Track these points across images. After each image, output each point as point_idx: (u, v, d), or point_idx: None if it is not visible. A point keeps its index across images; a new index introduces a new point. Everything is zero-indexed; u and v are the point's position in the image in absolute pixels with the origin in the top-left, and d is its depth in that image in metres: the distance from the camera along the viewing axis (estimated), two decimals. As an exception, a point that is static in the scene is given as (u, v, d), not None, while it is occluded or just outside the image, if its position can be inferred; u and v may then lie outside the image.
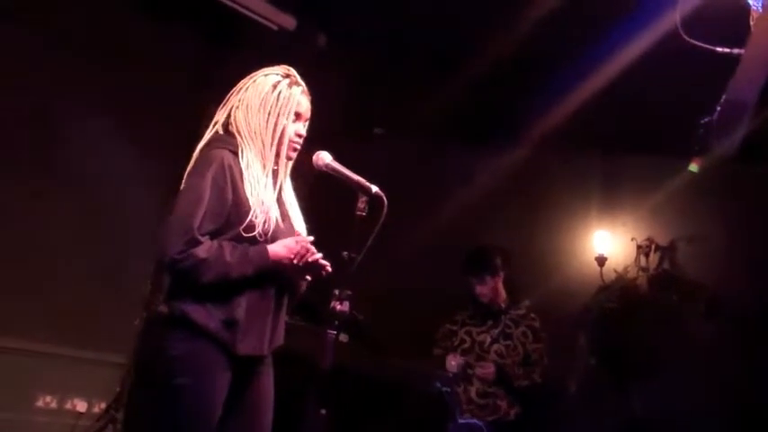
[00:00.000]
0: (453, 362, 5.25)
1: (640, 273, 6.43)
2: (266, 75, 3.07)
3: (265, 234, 2.89)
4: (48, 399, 5.49)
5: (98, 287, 5.54)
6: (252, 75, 3.09)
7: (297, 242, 2.93)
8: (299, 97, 3.06)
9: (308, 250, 2.92)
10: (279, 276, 2.93)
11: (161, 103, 5.86)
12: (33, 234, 5.33)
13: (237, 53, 5.94)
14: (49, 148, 5.43)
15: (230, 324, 2.82)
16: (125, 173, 5.66)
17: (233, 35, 6.04)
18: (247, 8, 5.70)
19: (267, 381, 3.02)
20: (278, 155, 3.02)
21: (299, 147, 3.09)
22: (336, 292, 2.89)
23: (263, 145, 2.98)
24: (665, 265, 6.41)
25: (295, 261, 2.90)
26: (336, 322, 2.88)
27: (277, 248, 2.89)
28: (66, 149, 5.46)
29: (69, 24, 5.49)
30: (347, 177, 3.03)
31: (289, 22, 5.92)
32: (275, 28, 5.87)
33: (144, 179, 5.72)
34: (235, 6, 5.66)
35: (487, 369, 5.27)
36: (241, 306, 2.84)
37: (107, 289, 5.57)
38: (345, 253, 2.89)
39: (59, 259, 5.43)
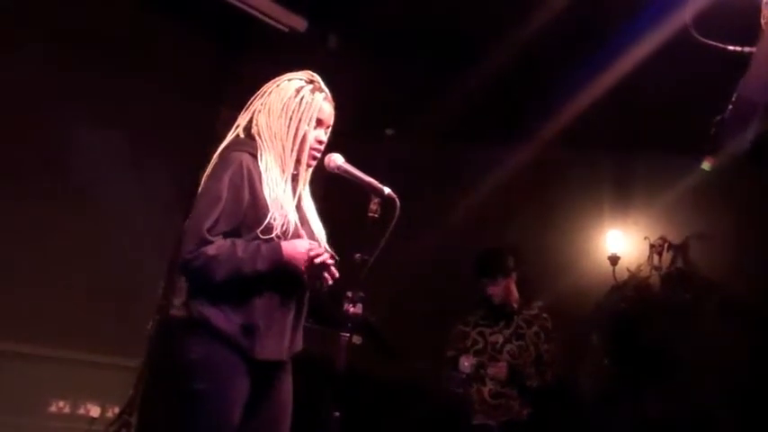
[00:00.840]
0: (466, 363, 5.24)
1: (653, 272, 6.42)
2: (290, 80, 3.05)
3: (284, 236, 2.88)
4: (61, 404, 5.51)
5: (109, 290, 5.55)
6: (276, 79, 3.08)
7: (311, 243, 2.91)
8: (321, 103, 3.03)
9: (319, 253, 2.89)
10: (297, 279, 2.90)
11: (172, 106, 5.88)
12: (43, 238, 5.34)
13: (248, 55, 5.96)
14: (60, 151, 5.44)
15: (249, 329, 2.81)
16: (136, 174, 5.67)
17: (244, 37, 6.05)
18: (258, 10, 5.72)
19: (286, 388, 3.00)
20: (298, 161, 3.01)
21: (319, 154, 3.06)
22: (349, 294, 2.87)
23: (284, 150, 2.97)
24: (679, 264, 6.40)
25: (311, 254, 2.86)
26: (350, 324, 2.88)
27: (291, 246, 2.87)
28: (76, 153, 5.48)
29: (75, 25, 5.50)
30: (359, 179, 3.02)
31: (300, 23, 5.93)
32: (286, 30, 5.87)
33: (156, 181, 5.74)
34: (245, 8, 5.67)
35: (500, 368, 5.26)
36: (260, 310, 2.83)
37: (119, 292, 5.58)
38: (358, 255, 2.88)
39: (70, 263, 5.44)
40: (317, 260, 2.88)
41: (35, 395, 5.38)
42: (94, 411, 5.61)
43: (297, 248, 2.87)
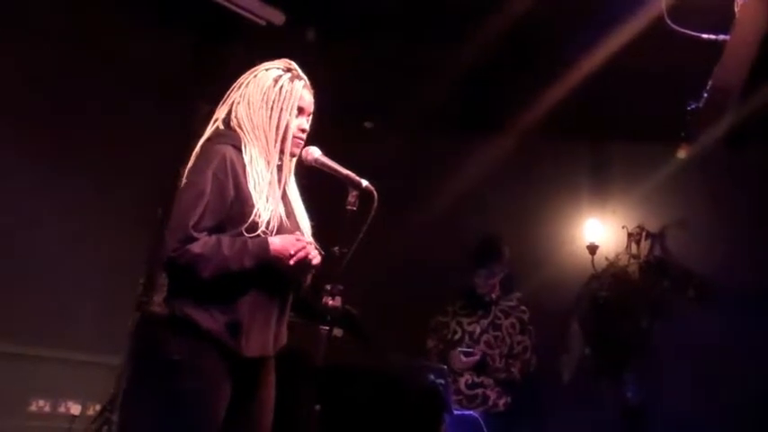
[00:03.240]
0: (463, 359, 5.28)
1: (631, 260, 6.46)
2: (267, 69, 3.02)
3: (270, 232, 2.85)
4: (41, 403, 5.47)
5: (89, 288, 5.52)
6: (252, 69, 3.04)
7: (297, 240, 2.87)
8: (301, 91, 3.00)
9: (306, 251, 2.86)
10: (281, 275, 2.88)
11: (149, 100, 5.84)
12: (21, 236, 5.29)
13: (225, 49, 5.92)
14: (32, 147, 5.39)
15: (234, 326, 2.78)
16: (114, 169, 5.64)
17: (220, 32, 6.01)
18: (235, 4, 5.68)
19: (269, 385, 2.99)
20: (282, 152, 2.97)
21: (302, 142, 3.03)
22: (328, 287, 2.88)
23: (267, 141, 2.93)
24: (656, 252, 6.44)
25: (291, 262, 2.83)
26: (329, 317, 2.87)
27: (277, 243, 2.83)
28: (50, 150, 5.43)
29: (46, 19, 5.43)
30: (337, 172, 3.01)
31: (277, 16, 5.88)
32: (263, 23, 5.84)
33: (134, 176, 5.70)
34: (221, 1, 5.63)
35: (470, 359, 5.30)
36: (244, 307, 2.80)
37: (98, 289, 5.55)
38: (336, 248, 2.88)
39: (49, 261, 5.39)
40: (299, 255, 2.84)
41: (15, 394, 5.33)
42: (75, 410, 5.58)
43: (284, 245, 2.84)
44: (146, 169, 5.70)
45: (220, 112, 3.02)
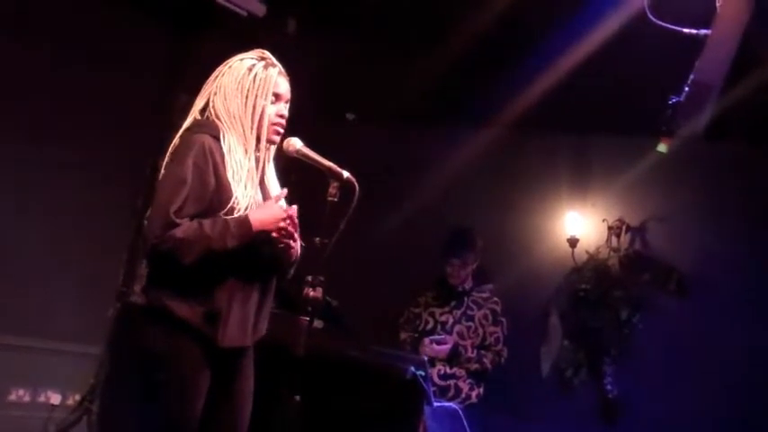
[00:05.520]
0: (435, 346, 5.29)
1: (612, 253, 6.47)
2: (241, 59, 3.04)
3: None
4: (20, 392, 5.45)
5: (69, 278, 5.50)
6: (227, 61, 3.07)
7: (278, 206, 2.89)
8: (276, 78, 3.02)
9: (289, 215, 2.88)
10: (261, 263, 2.89)
11: (128, 91, 5.81)
12: (1, 224, 5.27)
13: (206, 41, 5.90)
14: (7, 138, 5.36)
15: (212, 316, 2.79)
16: (95, 161, 5.62)
17: (201, 22, 5.99)
18: (215, -6, 5.66)
19: (248, 375, 3.00)
20: (258, 139, 2.98)
21: (281, 129, 3.04)
22: (309, 278, 2.88)
23: (244, 129, 2.94)
24: (636, 246, 6.45)
25: (281, 224, 2.85)
26: (309, 308, 2.88)
27: (258, 214, 2.84)
28: (31, 141, 5.40)
29: (18, 10, 5.38)
30: (318, 163, 3.01)
31: (258, 8, 5.87)
32: (244, 14, 5.82)
33: (116, 167, 5.68)
34: (202, -8, 5.61)
35: (441, 347, 5.31)
36: (223, 297, 2.81)
37: (78, 279, 5.53)
38: (317, 239, 2.89)
39: (29, 249, 5.36)
40: (283, 225, 2.86)
41: (-6, 385, 5.33)
42: (55, 399, 5.57)
43: (268, 212, 2.86)
44: (125, 159, 5.68)
45: (197, 105, 3.03)
